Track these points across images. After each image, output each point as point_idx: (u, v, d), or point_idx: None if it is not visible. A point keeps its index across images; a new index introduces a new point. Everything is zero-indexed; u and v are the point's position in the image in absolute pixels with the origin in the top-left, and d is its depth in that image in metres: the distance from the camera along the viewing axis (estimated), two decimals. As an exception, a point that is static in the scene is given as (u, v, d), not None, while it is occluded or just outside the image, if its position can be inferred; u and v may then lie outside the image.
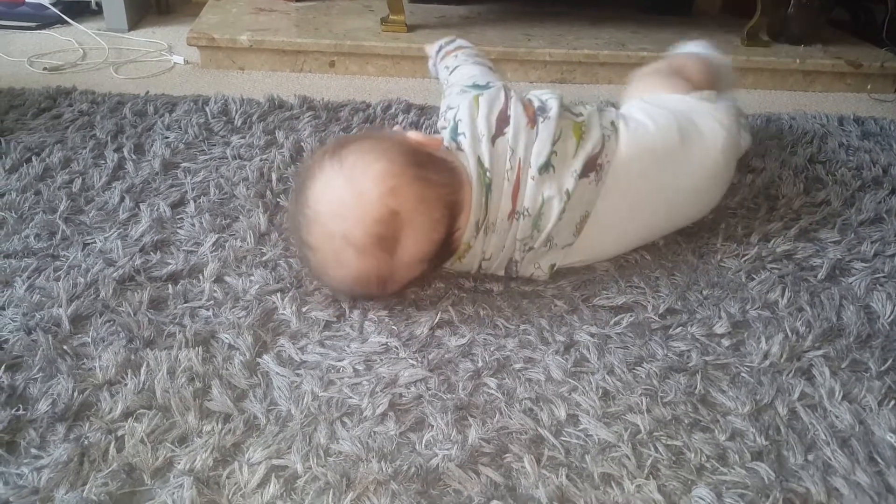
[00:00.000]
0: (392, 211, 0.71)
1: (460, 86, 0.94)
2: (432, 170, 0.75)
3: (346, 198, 0.71)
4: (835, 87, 1.67)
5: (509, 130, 0.79)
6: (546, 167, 0.78)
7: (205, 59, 1.51)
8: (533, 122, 0.80)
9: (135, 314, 0.75)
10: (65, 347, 0.69)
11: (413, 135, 0.80)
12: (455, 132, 0.81)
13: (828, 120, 1.41)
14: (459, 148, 0.80)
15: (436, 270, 0.83)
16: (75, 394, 0.64)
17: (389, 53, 1.53)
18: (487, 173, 0.77)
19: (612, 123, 0.84)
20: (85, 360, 0.69)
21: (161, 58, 1.54)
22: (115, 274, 0.79)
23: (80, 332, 0.72)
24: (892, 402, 0.71)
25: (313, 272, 0.79)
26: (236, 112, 1.23)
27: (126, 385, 0.66)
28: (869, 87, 1.67)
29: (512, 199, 0.77)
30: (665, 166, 0.85)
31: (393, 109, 1.30)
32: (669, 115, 0.88)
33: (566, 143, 0.79)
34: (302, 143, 1.14)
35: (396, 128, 1.05)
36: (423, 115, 1.30)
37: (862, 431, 0.68)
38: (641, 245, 0.92)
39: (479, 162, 0.77)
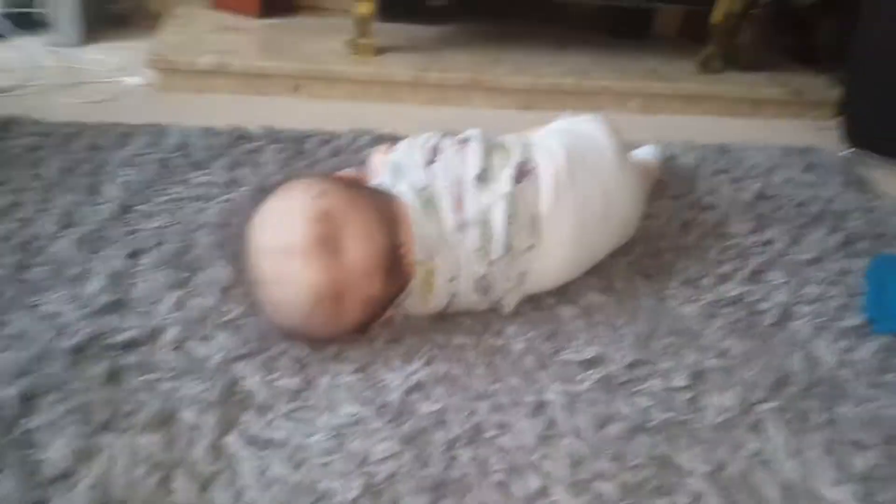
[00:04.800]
0: (324, 210, 0.73)
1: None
2: (360, 187, 0.81)
3: (279, 213, 0.75)
4: (781, 113, 1.67)
5: (441, 157, 0.83)
6: (481, 177, 0.81)
7: (164, 82, 1.43)
8: (462, 147, 0.85)
9: (88, 390, 0.68)
10: (14, 431, 0.63)
11: (342, 172, 0.87)
12: (394, 166, 0.85)
13: (774, 151, 1.41)
14: (397, 183, 0.82)
15: (398, 295, 0.79)
16: (23, 492, 0.58)
17: (358, 78, 1.48)
18: (424, 191, 0.80)
19: (525, 144, 0.88)
20: (35, 449, 0.62)
21: (116, 78, 1.45)
22: (66, 344, 0.73)
23: (29, 415, 0.66)
24: (833, 455, 0.73)
25: (272, 316, 0.76)
26: (196, 145, 1.16)
27: (82, 480, 0.60)
28: (811, 115, 1.68)
29: (455, 210, 0.80)
30: (577, 162, 0.87)
31: (361, 141, 1.25)
32: (548, 132, 0.96)
33: (493, 158, 0.84)
34: (267, 182, 1.08)
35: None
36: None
37: (807, 488, 0.69)
38: (606, 250, 0.94)
39: (414, 185, 0.81)
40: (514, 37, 1.74)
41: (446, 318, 0.84)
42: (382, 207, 0.77)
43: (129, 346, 0.75)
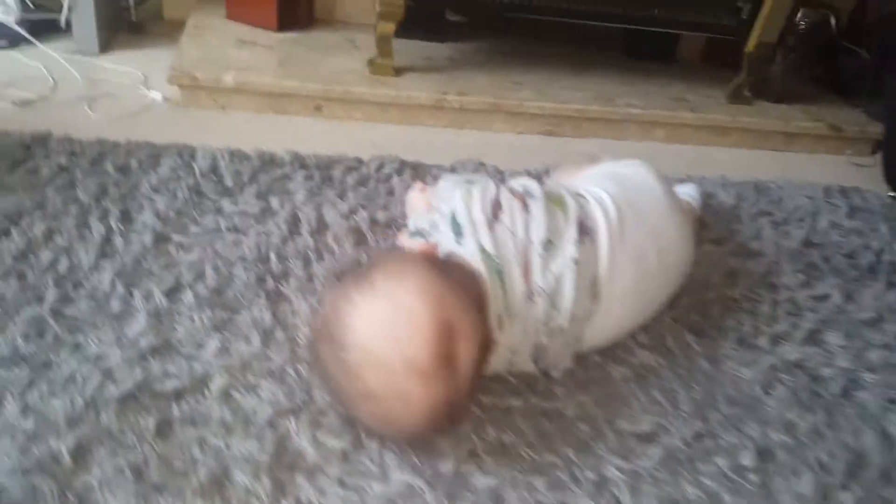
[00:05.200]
0: (446, 320, 0.68)
1: (451, 182, 0.95)
2: (452, 273, 0.75)
3: (396, 320, 0.67)
4: (815, 147, 1.68)
5: (504, 216, 0.80)
6: (548, 243, 0.79)
7: (186, 98, 1.44)
8: (524, 204, 0.82)
9: (140, 444, 0.68)
10: (68, 494, 0.63)
11: (412, 246, 0.82)
12: (454, 223, 0.81)
13: (814, 191, 1.41)
14: (459, 241, 0.79)
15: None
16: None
17: (378, 101, 1.48)
18: (495, 258, 0.77)
19: (578, 194, 0.88)
20: (93, 510, 0.63)
21: (138, 90, 1.45)
22: (115, 392, 0.73)
23: (82, 470, 0.66)
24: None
25: (372, 425, 0.72)
26: (226, 170, 1.16)
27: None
28: (848, 151, 1.68)
29: (525, 279, 0.77)
30: (629, 212, 0.87)
31: (386, 169, 1.25)
32: (595, 178, 0.96)
33: (555, 216, 0.82)
34: (297, 213, 1.08)
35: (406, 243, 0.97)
36: (417, 174, 1.25)
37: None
38: (662, 301, 0.94)
39: (483, 249, 0.77)
40: (535, 57, 1.75)
41: (490, 376, 0.83)
42: (475, 294, 0.74)
43: (177, 394, 0.75)
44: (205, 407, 0.74)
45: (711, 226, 1.24)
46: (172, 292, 0.90)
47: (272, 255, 0.98)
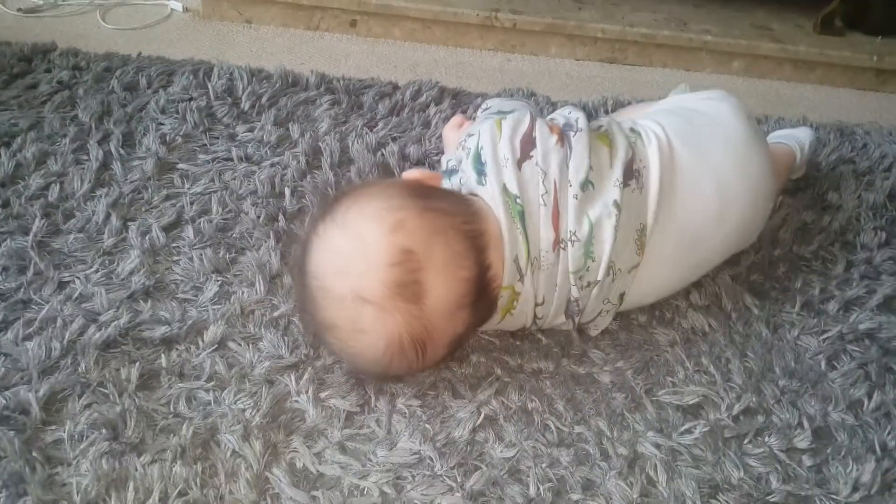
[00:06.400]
0: (403, 248, 0.64)
1: (484, 113, 0.89)
2: (438, 199, 0.71)
3: (345, 248, 0.65)
4: (912, 89, 1.53)
5: (536, 153, 0.73)
6: (586, 183, 0.72)
7: (207, 9, 1.37)
8: (561, 139, 0.75)
9: (120, 396, 0.65)
10: (34, 453, 0.60)
11: (411, 173, 0.77)
12: (478, 160, 0.75)
13: (906, 138, 1.30)
14: (481, 181, 0.73)
15: (482, 324, 0.74)
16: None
17: (420, 17, 1.39)
18: (517, 200, 0.71)
19: (633, 130, 0.80)
20: (59, 467, 0.60)
21: (157, 1, 1.39)
22: (97, 337, 0.69)
23: (53, 421, 0.63)
24: None
25: (343, 359, 0.70)
26: (243, 91, 1.10)
27: (110, 514, 0.57)
28: (953, 92, 1.54)
29: (553, 225, 0.71)
30: (683, 148, 0.79)
31: (424, 97, 1.18)
32: (658, 113, 0.88)
33: (599, 153, 0.75)
34: (319, 144, 1.02)
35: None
36: (458, 104, 1.17)
37: None
38: (719, 260, 0.86)
39: (505, 189, 0.71)
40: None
41: (518, 335, 0.79)
42: (468, 227, 0.69)
43: (166, 342, 0.71)
44: (196, 358, 0.71)
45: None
46: (172, 227, 0.86)
47: (286, 191, 0.93)
